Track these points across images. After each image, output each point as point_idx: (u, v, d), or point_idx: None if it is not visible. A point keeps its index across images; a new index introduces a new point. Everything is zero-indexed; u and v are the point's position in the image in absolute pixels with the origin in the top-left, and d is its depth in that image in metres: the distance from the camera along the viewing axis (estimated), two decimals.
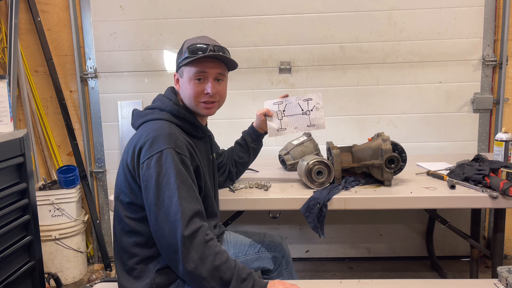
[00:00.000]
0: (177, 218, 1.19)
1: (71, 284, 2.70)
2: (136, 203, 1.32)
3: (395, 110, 2.74)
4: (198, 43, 1.41)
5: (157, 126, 1.34)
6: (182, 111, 1.42)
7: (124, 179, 1.35)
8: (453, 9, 2.62)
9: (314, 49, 2.70)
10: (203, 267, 1.18)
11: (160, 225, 1.22)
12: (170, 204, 1.21)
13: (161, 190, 1.22)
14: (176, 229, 1.18)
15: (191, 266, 1.17)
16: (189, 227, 1.19)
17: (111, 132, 2.84)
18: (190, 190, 1.26)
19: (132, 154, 1.31)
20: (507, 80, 2.65)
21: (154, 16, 2.71)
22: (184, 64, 1.42)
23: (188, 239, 1.18)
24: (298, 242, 2.90)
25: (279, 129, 1.78)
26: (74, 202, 2.66)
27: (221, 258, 1.20)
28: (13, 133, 1.90)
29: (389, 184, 1.76)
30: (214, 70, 1.43)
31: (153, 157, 1.25)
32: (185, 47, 1.43)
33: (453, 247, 2.86)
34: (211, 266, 1.18)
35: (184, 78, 1.44)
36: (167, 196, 1.21)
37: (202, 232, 1.21)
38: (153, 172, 1.24)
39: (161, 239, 1.23)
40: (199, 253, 1.18)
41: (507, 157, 1.95)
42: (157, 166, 1.24)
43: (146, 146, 1.27)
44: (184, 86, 1.44)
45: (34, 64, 2.79)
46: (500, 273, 1.31)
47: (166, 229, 1.20)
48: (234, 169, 1.83)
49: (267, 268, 1.70)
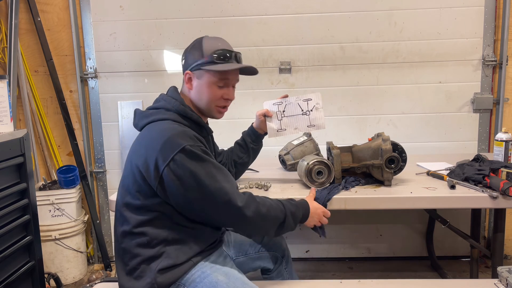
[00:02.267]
0: (227, 199, 1.28)
1: (71, 284, 2.70)
2: (145, 205, 1.32)
3: (395, 110, 2.74)
4: (223, 49, 1.44)
5: (167, 126, 1.34)
6: (189, 112, 1.42)
7: (133, 181, 1.34)
8: (453, 9, 2.62)
9: (314, 49, 2.70)
10: (265, 222, 1.36)
11: (214, 213, 1.31)
12: (215, 191, 1.28)
13: (200, 183, 1.27)
14: (232, 207, 1.29)
15: (258, 225, 1.35)
16: (240, 199, 1.31)
17: (111, 132, 2.84)
18: (224, 171, 1.34)
19: (145, 157, 1.29)
20: (507, 80, 2.65)
21: (154, 16, 2.71)
22: (206, 69, 1.42)
23: (245, 207, 1.31)
24: (298, 242, 2.90)
25: (279, 130, 1.78)
26: (74, 202, 2.66)
27: (273, 206, 1.38)
28: (13, 133, 1.90)
29: (389, 184, 1.76)
30: (236, 78, 1.50)
31: (177, 156, 1.25)
32: (207, 49, 1.43)
33: (453, 247, 2.86)
34: (269, 218, 1.36)
35: (203, 81, 1.44)
36: (209, 185, 1.27)
37: (251, 197, 1.35)
38: (184, 170, 1.26)
39: (222, 223, 1.40)
40: (259, 214, 1.33)
41: (507, 157, 1.94)
42: (185, 163, 1.26)
43: (164, 148, 1.27)
44: (201, 89, 1.45)
45: (34, 64, 2.79)
46: (500, 273, 1.31)
47: (218, 215, 1.31)
48: (234, 169, 1.83)
49: (267, 267, 1.71)
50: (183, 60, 1.50)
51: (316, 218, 1.52)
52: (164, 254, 1.31)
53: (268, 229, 1.39)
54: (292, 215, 1.41)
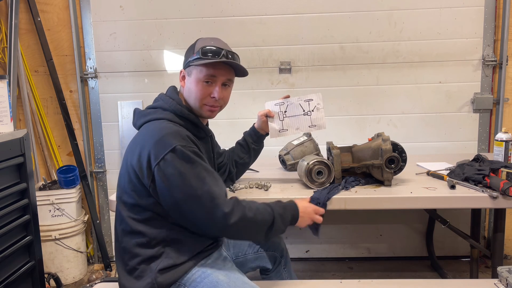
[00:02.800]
0: (214, 204, 1.25)
1: (71, 284, 2.70)
2: (140, 204, 1.32)
3: (395, 110, 2.74)
4: (212, 46, 1.42)
5: (162, 126, 1.34)
6: (185, 111, 1.42)
7: (128, 180, 1.34)
8: (453, 9, 2.62)
9: (314, 49, 2.70)
10: (252, 227, 1.32)
11: (200, 216, 1.27)
12: (202, 194, 1.25)
13: (187, 184, 1.25)
14: (217, 212, 1.25)
15: (244, 230, 1.32)
16: (228, 205, 1.27)
17: (111, 132, 2.84)
18: (214, 174, 1.32)
19: (139, 156, 1.30)
20: (507, 80, 2.65)
21: (154, 16, 2.71)
22: (194, 64, 1.41)
23: (231, 213, 1.26)
24: (298, 242, 2.90)
25: (281, 130, 1.78)
26: (74, 202, 2.66)
27: (260, 210, 1.34)
28: (13, 133, 1.90)
29: (389, 184, 1.76)
30: (224, 76, 1.44)
31: (168, 156, 1.25)
32: (198, 47, 1.43)
33: (453, 247, 2.86)
34: (255, 222, 1.32)
35: (192, 78, 1.44)
36: (197, 187, 1.25)
37: (237, 202, 1.31)
38: (173, 170, 1.25)
39: (205, 229, 1.31)
40: (245, 220, 1.29)
41: (507, 157, 1.94)
42: (175, 163, 1.25)
43: (156, 146, 1.27)
44: (190, 86, 1.44)
45: (34, 64, 2.79)
46: (500, 273, 1.31)
47: (208, 219, 1.26)
48: (235, 169, 1.82)
49: (266, 267, 1.71)
50: None
51: (308, 218, 1.48)
52: (163, 254, 1.31)
53: (256, 233, 1.36)
54: (280, 217, 1.37)
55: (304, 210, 1.47)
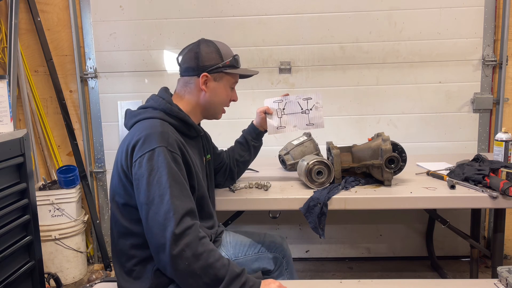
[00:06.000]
0: (168, 216, 1.16)
1: (71, 284, 2.70)
2: (130, 204, 1.31)
3: (395, 110, 2.74)
4: (236, 55, 1.52)
5: (149, 125, 1.33)
6: (175, 110, 1.41)
7: (118, 180, 1.34)
8: (453, 9, 2.62)
9: (314, 49, 2.70)
10: (197, 264, 1.15)
11: (150, 224, 1.19)
12: (161, 202, 1.18)
13: (152, 188, 1.21)
14: (167, 228, 1.15)
15: (184, 264, 1.15)
16: (180, 225, 1.16)
17: (111, 132, 2.84)
18: (183, 188, 1.24)
19: (126, 154, 1.30)
20: (507, 80, 2.65)
21: (154, 16, 2.71)
22: (227, 72, 1.49)
23: (180, 236, 1.15)
24: (298, 242, 2.90)
25: (279, 127, 1.79)
26: (74, 202, 2.66)
27: (215, 256, 1.18)
28: (13, 133, 1.90)
29: (389, 184, 1.76)
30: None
31: (145, 156, 1.24)
32: (227, 54, 1.49)
33: (453, 247, 2.86)
34: (205, 263, 1.16)
35: (221, 83, 1.49)
36: (158, 195, 1.20)
37: (195, 230, 1.19)
38: (144, 171, 1.22)
39: (150, 238, 1.20)
40: (193, 250, 1.16)
41: (507, 157, 1.95)
42: (149, 165, 1.23)
43: (138, 145, 1.27)
44: (218, 91, 1.49)
45: (34, 64, 2.79)
46: (500, 273, 1.31)
47: (155, 229, 1.17)
48: (236, 168, 1.82)
49: (267, 268, 1.69)
50: (187, 63, 1.47)
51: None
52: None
53: (196, 280, 1.16)
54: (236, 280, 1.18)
55: (267, 284, 1.25)
